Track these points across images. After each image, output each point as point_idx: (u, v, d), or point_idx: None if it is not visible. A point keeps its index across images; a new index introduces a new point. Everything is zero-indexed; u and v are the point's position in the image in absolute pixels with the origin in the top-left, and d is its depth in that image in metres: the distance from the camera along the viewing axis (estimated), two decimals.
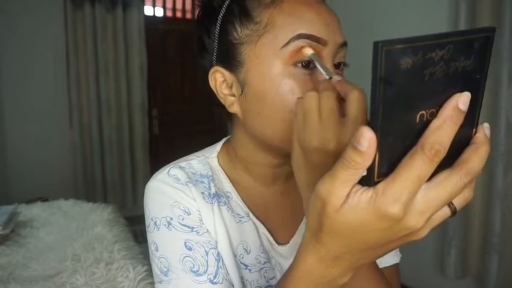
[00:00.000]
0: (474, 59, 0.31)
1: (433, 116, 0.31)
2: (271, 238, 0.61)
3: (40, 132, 2.87)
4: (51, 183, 2.80)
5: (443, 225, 1.76)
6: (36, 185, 2.71)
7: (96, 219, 1.74)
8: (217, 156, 0.64)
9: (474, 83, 0.32)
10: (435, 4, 2.02)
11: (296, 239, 0.62)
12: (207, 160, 0.64)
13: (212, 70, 0.56)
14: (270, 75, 0.51)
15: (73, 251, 1.43)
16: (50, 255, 1.43)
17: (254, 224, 0.61)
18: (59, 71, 2.88)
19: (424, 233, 0.33)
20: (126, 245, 1.51)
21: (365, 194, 0.31)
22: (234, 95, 0.55)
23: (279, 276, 0.60)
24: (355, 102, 0.41)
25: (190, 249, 0.55)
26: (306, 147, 0.44)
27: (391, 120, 0.30)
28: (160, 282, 0.55)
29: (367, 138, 0.29)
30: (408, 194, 0.30)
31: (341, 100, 0.43)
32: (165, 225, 0.56)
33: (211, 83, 0.56)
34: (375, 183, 0.31)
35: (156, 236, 0.57)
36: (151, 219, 0.57)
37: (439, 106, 0.31)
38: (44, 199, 2.24)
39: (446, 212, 0.33)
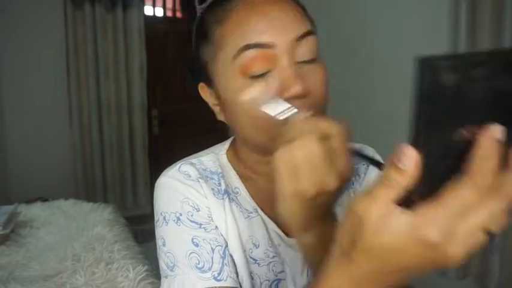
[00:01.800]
0: None
1: (472, 135, 0.29)
2: (280, 232, 0.61)
3: (40, 132, 2.86)
4: (51, 183, 2.78)
5: None
6: (36, 185, 2.70)
7: (96, 219, 1.73)
8: (226, 153, 0.66)
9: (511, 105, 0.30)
10: (435, 4, 2.02)
11: None
12: (217, 157, 0.65)
13: (199, 86, 0.62)
14: (231, 88, 0.53)
15: (73, 251, 1.43)
16: (50, 255, 1.43)
17: (262, 219, 0.61)
18: (59, 71, 2.87)
19: (460, 261, 0.31)
20: (126, 245, 1.51)
21: (405, 217, 0.30)
22: (219, 105, 0.59)
23: (287, 270, 0.61)
24: (336, 137, 0.41)
25: (197, 245, 0.56)
26: (305, 196, 0.42)
27: (431, 138, 0.29)
28: (166, 277, 0.56)
29: (410, 157, 0.29)
30: (449, 221, 0.29)
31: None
32: (174, 220, 0.57)
33: (203, 96, 0.62)
34: (414, 203, 0.30)
35: (164, 231, 0.57)
36: (161, 214, 0.58)
37: (477, 125, 0.29)
38: (44, 199, 2.24)
39: (483, 237, 0.31)
